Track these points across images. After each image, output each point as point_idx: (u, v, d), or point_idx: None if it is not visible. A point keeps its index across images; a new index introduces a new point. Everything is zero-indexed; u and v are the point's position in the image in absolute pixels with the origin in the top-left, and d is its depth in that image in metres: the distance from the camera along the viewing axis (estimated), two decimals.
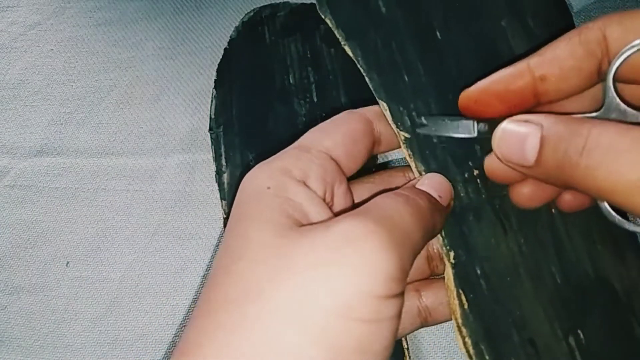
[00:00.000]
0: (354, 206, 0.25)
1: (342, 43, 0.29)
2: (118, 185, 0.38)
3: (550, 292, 0.25)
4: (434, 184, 0.25)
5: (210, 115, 0.36)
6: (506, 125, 0.22)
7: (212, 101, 0.36)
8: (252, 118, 0.36)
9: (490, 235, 0.25)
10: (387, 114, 0.27)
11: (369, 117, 0.27)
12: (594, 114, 0.22)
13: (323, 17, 0.30)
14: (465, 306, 0.25)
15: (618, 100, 0.21)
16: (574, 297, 0.25)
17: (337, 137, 0.25)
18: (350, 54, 0.29)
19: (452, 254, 0.25)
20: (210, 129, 0.36)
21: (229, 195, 0.34)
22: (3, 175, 0.40)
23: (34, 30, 0.44)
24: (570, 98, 0.23)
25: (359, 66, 0.29)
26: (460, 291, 0.25)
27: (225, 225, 0.34)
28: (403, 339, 0.30)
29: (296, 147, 0.25)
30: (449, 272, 0.25)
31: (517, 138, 0.22)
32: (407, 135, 0.27)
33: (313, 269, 0.19)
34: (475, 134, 0.24)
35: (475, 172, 0.26)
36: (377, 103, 0.28)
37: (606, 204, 0.22)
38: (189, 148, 0.39)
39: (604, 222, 0.24)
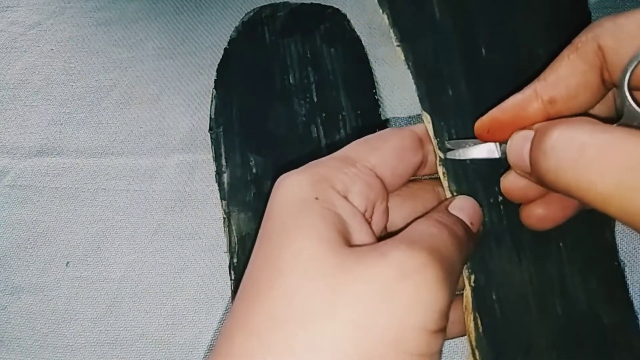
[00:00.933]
0: (390, 232, 0.25)
1: (396, 44, 0.29)
2: (118, 185, 0.38)
3: (551, 322, 0.26)
4: (468, 210, 0.25)
5: (210, 115, 0.36)
6: (515, 134, 0.23)
7: (212, 101, 0.36)
8: (252, 118, 0.36)
9: (506, 263, 0.26)
10: (429, 127, 0.27)
11: (419, 134, 0.26)
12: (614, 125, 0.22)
13: (381, 11, 0.29)
14: (480, 330, 0.25)
15: (637, 108, 0.21)
16: (570, 329, 0.26)
17: (385, 153, 0.24)
18: (402, 57, 0.28)
19: (472, 277, 0.26)
20: (210, 129, 0.36)
21: (229, 195, 0.34)
22: (3, 175, 0.40)
23: (34, 30, 0.44)
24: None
25: (408, 70, 0.28)
26: (477, 314, 0.25)
27: (225, 225, 0.34)
28: None
29: (339, 158, 0.24)
30: (468, 295, 0.26)
31: (520, 143, 0.22)
32: (441, 154, 0.27)
33: (372, 298, 0.19)
34: (499, 155, 0.25)
35: (500, 198, 0.26)
36: (379, 106, 0.28)
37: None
38: (189, 148, 0.39)
39: (601, 260, 0.26)
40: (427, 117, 0.27)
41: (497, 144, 0.25)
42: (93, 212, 0.38)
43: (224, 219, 0.34)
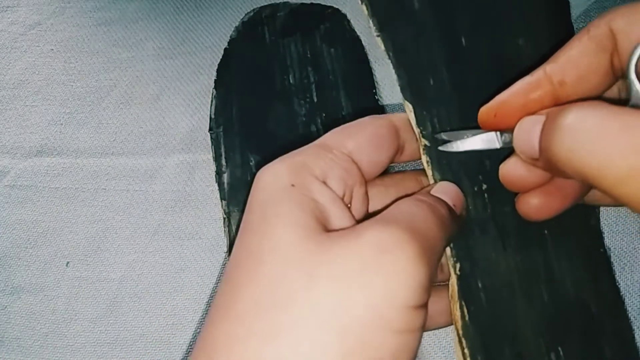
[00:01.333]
0: (371, 214, 0.25)
1: (375, 34, 0.29)
2: (118, 185, 0.38)
3: (538, 310, 0.26)
4: (449, 193, 0.25)
5: (210, 115, 0.36)
6: (524, 119, 0.22)
7: (212, 101, 0.37)
8: (252, 118, 0.36)
9: (491, 251, 0.26)
10: (412, 115, 0.27)
11: (396, 123, 0.26)
12: None
13: (360, 1, 0.29)
14: (467, 318, 0.25)
15: None
16: (557, 316, 0.26)
17: (361, 140, 0.25)
18: (382, 47, 0.29)
19: (458, 265, 0.26)
20: (210, 129, 0.36)
21: (229, 195, 0.34)
22: (3, 175, 0.40)
23: (34, 30, 0.44)
24: None
25: (389, 60, 0.28)
26: (463, 303, 0.25)
27: (225, 225, 0.34)
28: None
29: (317, 145, 0.25)
30: (453, 283, 0.26)
31: (528, 128, 0.22)
32: (427, 142, 0.27)
33: (349, 278, 0.19)
34: (500, 145, 0.25)
35: (484, 186, 0.27)
36: (380, 107, 0.28)
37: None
38: (189, 148, 0.39)
39: (587, 247, 0.26)
40: (409, 107, 0.27)
41: (498, 133, 0.24)
42: (93, 212, 0.38)
43: (224, 219, 0.34)
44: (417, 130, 0.27)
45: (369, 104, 0.36)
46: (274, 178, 0.22)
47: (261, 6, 0.38)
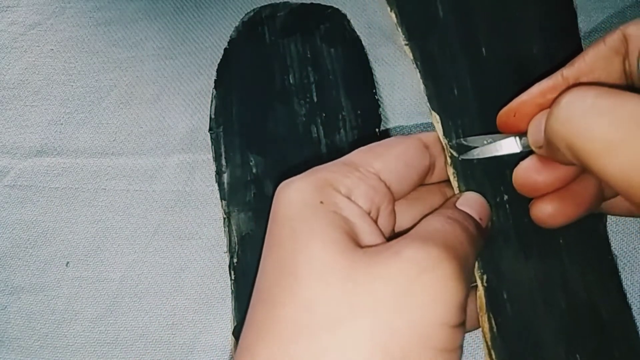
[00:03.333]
0: (399, 233, 0.24)
1: (404, 43, 0.29)
2: (118, 185, 0.38)
3: (556, 318, 0.26)
4: (476, 206, 0.25)
5: (210, 115, 0.36)
6: (537, 114, 0.23)
7: (212, 101, 0.37)
8: (252, 118, 0.36)
9: (515, 261, 0.26)
10: (439, 126, 0.27)
11: (426, 142, 0.26)
12: None
13: (389, 9, 0.29)
14: (495, 329, 0.25)
15: None
16: (573, 323, 0.26)
17: (389, 160, 0.24)
18: (410, 55, 0.29)
19: (485, 277, 0.26)
20: (210, 129, 0.36)
21: (229, 195, 0.34)
22: (3, 175, 0.40)
23: (34, 30, 0.44)
24: None
25: (416, 69, 0.28)
26: (491, 314, 0.26)
27: (225, 225, 0.34)
28: None
29: (342, 163, 0.24)
30: (481, 295, 0.26)
31: (540, 117, 0.23)
32: (454, 153, 0.27)
33: (391, 297, 0.19)
34: (520, 149, 0.25)
35: (505, 197, 0.27)
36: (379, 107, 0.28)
37: None
38: (189, 148, 0.39)
39: (596, 253, 0.27)
40: (436, 117, 0.27)
41: (518, 137, 0.25)
42: (93, 212, 0.38)
43: (224, 219, 0.34)
44: (444, 142, 0.27)
45: (369, 104, 0.36)
46: (299, 194, 0.22)
47: (261, 6, 0.38)
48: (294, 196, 0.22)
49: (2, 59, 0.43)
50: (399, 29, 0.29)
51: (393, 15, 0.29)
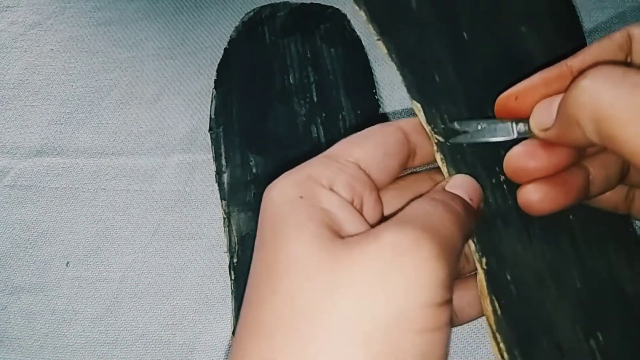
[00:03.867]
0: (386, 217, 0.25)
1: (376, 38, 0.29)
2: (118, 185, 0.38)
3: (571, 297, 0.25)
4: (465, 186, 0.25)
5: (210, 115, 0.36)
6: (542, 101, 0.24)
7: (212, 101, 0.37)
8: (252, 118, 0.36)
9: (517, 242, 0.26)
10: (421, 114, 0.27)
11: (405, 129, 0.26)
12: None
13: (357, 8, 0.29)
14: (499, 312, 0.25)
15: None
16: (592, 301, 0.25)
17: (368, 148, 0.25)
18: (384, 50, 0.28)
19: (484, 260, 0.25)
20: (210, 129, 0.36)
21: (229, 195, 0.34)
22: (3, 175, 0.40)
23: (34, 30, 0.44)
24: None
25: (393, 62, 0.28)
26: (493, 297, 0.25)
27: (225, 225, 0.34)
28: None
29: (323, 155, 0.25)
30: (481, 279, 0.25)
31: (549, 101, 0.23)
32: (440, 138, 0.27)
33: (369, 282, 0.19)
34: (515, 136, 0.25)
35: (502, 177, 0.26)
36: (379, 106, 0.28)
37: None
38: (189, 148, 0.39)
39: (617, 230, 0.26)
40: (417, 106, 0.27)
41: (514, 123, 0.25)
42: (93, 212, 0.38)
43: (224, 219, 0.34)
44: (428, 128, 0.27)
45: (369, 104, 0.36)
46: (281, 193, 0.23)
47: (261, 6, 0.38)
48: (276, 195, 0.23)
49: (2, 59, 0.43)
50: (370, 26, 0.29)
51: (362, 13, 0.29)
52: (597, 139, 0.20)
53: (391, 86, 0.37)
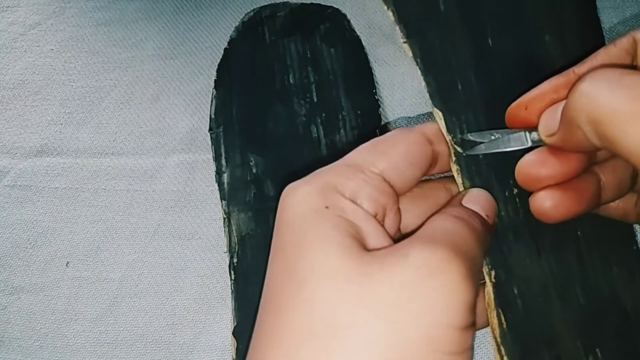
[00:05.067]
0: (405, 235, 0.24)
1: (402, 40, 0.28)
2: (118, 185, 0.38)
3: (574, 312, 0.25)
4: (482, 202, 0.25)
5: (210, 115, 0.36)
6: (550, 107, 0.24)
7: (212, 101, 0.37)
8: (252, 118, 0.36)
9: (526, 256, 0.26)
10: (442, 123, 0.27)
11: (429, 136, 0.26)
12: None
13: (386, 8, 0.29)
14: (504, 325, 0.25)
15: None
16: (593, 317, 0.26)
17: (393, 158, 0.24)
18: (410, 53, 0.28)
19: (493, 273, 0.25)
20: (210, 129, 0.36)
21: (229, 195, 0.34)
22: (3, 175, 0.40)
23: (34, 30, 0.44)
24: None
25: (417, 66, 0.28)
26: (500, 311, 0.25)
27: (225, 225, 0.34)
28: None
29: (345, 164, 0.24)
30: (489, 291, 0.25)
31: (555, 107, 0.23)
32: (458, 149, 0.26)
33: (399, 300, 0.19)
34: (529, 144, 0.25)
35: (515, 190, 0.26)
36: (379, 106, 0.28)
37: None
38: (189, 148, 0.39)
39: (619, 245, 0.26)
40: (438, 114, 0.27)
41: (527, 132, 0.25)
42: (93, 212, 0.38)
43: (224, 219, 0.34)
44: (448, 138, 0.27)
45: (368, 104, 0.36)
46: (304, 201, 0.22)
47: (261, 6, 0.38)
48: (299, 201, 0.22)
49: (2, 59, 0.43)
50: (397, 27, 0.29)
51: (390, 13, 0.29)
52: (597, 141, 0.20)
53: (391, 86, 0.37)
